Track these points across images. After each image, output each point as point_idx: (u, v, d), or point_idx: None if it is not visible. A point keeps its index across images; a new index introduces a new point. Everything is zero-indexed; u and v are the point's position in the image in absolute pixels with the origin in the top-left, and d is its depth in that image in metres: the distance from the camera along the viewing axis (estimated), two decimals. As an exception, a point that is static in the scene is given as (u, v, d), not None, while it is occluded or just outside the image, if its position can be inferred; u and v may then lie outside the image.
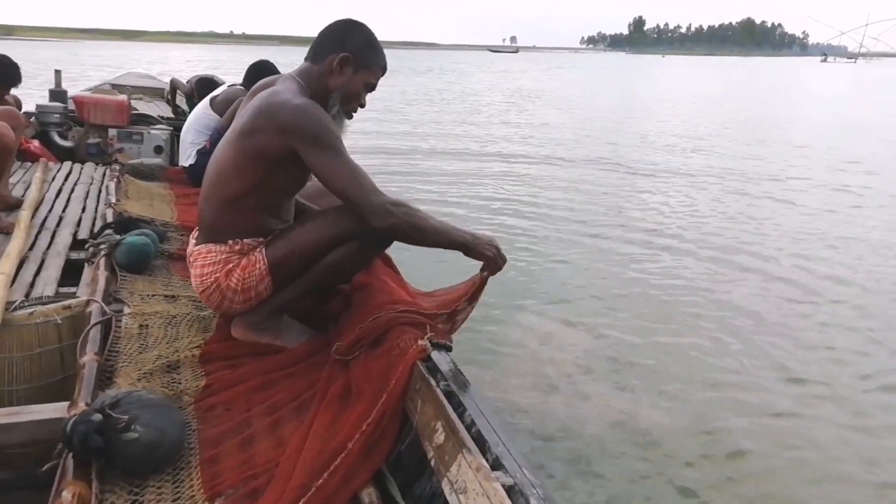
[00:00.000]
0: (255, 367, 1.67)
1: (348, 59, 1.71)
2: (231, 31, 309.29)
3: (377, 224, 1.62)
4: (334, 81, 1.73)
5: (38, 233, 2.66)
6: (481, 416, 1.30)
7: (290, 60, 4.68)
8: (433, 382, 1.40)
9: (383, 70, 1.80)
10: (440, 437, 1.26)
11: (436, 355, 1.52)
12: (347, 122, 1.80)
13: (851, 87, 30.82)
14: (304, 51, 1.81)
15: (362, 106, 1.83)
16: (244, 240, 1.74)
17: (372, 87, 1.80)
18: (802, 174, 7.78)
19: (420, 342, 1.52)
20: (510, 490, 1.07)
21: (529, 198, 6.14)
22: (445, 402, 1.33)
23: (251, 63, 3.67)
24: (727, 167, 7.99)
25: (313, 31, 1.91)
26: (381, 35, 1.79)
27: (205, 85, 4.62)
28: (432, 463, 1.26)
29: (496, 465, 1.15)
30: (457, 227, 1.75)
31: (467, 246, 1.71)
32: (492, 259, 1.73)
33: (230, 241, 1.74)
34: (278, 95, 1.67)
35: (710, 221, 5.48)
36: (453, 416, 1.28)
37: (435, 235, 1.70)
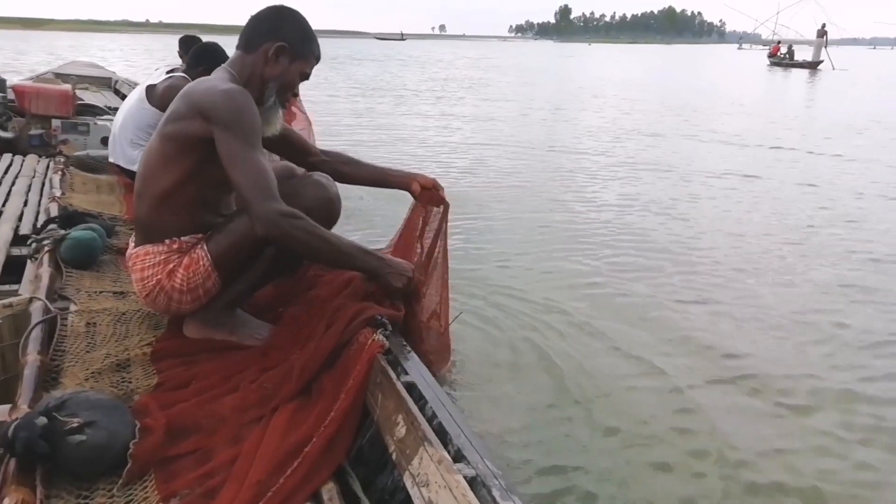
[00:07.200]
0: (209, 364, 1.63)
1: (284, 48, 1.66)
2: (147, 20, 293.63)
3: (260, 230, 1.51)
4: (270, 71, 1.67)
5: (-24, 228, 2.54)
6: (442, 409, 1.29)
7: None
8: (393, 376, 1.39)
9: (317, 59, 1.76)
10: (401, 430, 1.25)
11: (396, 348, 1.51)
12: (281, 111, 1.76)
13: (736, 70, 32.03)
14: (224, 39, 1.75)
15: (295, 95, 1.79)
16: (181, 238, 1.67)
17: (306, 77, 1.76)
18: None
19: (377, 337, 1.50)
20: (472, 481, 1.07)
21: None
22: (406, 395, 1.32)
23: (196, 46, 3.18)
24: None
25: (232, 20, 1.86)
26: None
27: None
28: (394, 457, 1.24)
29: (458, 457, 1.14)
30: (368, 251, 1.69)
31: (376, 273, 1.67)
32: (399, 290, 1.70)
33: (167, 241, 1.66)
34: (205, 82, 1.64)
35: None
36: (414, 409, 1.27)
37: (335, 255, 1.64)
